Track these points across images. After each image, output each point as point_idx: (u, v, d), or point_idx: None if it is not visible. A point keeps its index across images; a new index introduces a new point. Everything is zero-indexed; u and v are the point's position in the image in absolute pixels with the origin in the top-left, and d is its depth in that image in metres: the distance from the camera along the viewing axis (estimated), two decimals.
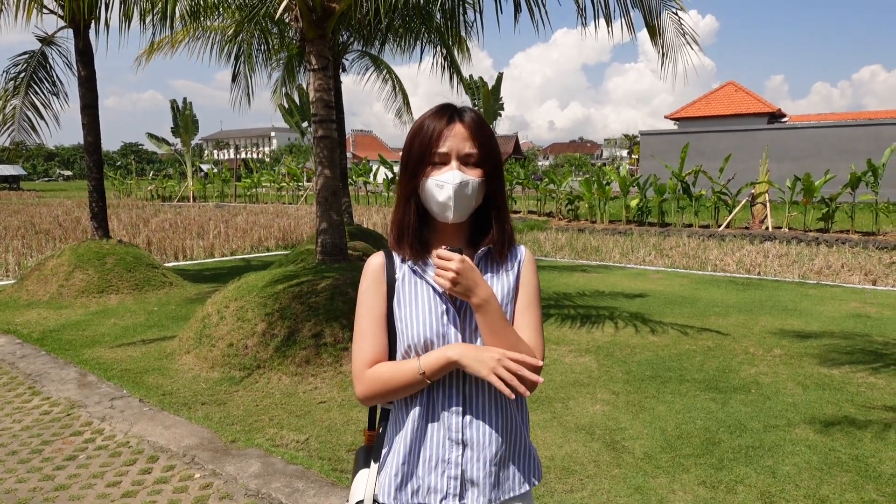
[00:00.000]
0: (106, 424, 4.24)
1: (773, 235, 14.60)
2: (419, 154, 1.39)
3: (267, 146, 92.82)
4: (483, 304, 1.34)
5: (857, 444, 3.79)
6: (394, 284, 1.45)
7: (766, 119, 28.78)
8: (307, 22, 5.56)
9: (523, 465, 1.48)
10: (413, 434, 1.41)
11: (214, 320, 5.62)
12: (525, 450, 1.50)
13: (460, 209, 1.38)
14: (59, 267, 8.41)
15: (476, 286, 1.33)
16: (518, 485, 1.46)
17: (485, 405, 1.42)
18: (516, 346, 1.37)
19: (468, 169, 1.38)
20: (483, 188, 1.40)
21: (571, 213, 19.96)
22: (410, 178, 1.41)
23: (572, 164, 55.12)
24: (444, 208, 1.37)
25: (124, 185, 37.27)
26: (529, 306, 1.47)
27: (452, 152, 1.37)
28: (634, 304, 7.85)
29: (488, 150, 1.40)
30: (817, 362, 5.36)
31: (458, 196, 1.36)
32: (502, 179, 1.46)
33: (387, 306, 1.45)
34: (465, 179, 1.36)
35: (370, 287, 1.46)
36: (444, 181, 1.36)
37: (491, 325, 1.35)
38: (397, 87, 14.51)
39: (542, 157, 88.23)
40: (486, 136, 1.41)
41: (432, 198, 1.38)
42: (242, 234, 15.08)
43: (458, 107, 1.42)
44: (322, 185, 5.80)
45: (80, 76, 8.34)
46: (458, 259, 1.30)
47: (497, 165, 1.43)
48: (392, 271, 1.46)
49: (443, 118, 1.39)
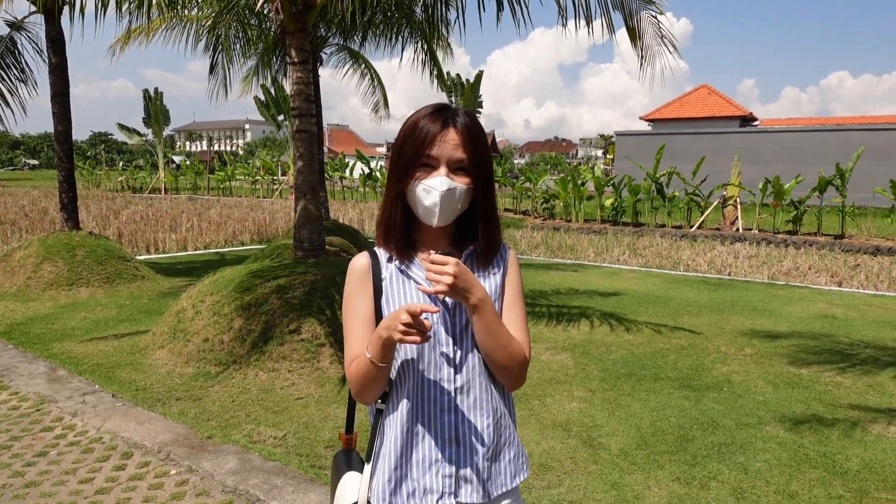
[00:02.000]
0: (78, 420, 4.16)
1: (744, 237, 14.89)
2: (410, 156, 1.39)
3: (241, 139, 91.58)
4: (479, 304, 1.35)
5: (825, 442, 3.90)
6: (381, 284, 1.45)
7: (739, 122, 29.32)
8: (288, 14, 5.50)
9: (513, 460, 1.50)
10: (403, 436, 1.41)
11: (189, 315, 5.54)
12: (514, 445, 1.52)
13: (445, 214, 1.38)
14: (26, 258, 8.21)
15: (472, 287, 1.33)
16: (510, 479, 1.48)
17: (476, 402, 1.43)
18: (508, 342, 1.40)
19: (457, 176, 1.38)
20: (470, 195, 1.41)
21: (547, 211, 20.10)
22: (399, 179, 1.41)
23: (548, 163, 55.42)
24: (429, 213, 1.38)
25: (93, 176, 36.45)
26: (515, 304, 1.49)
27: (442, 158, 1.37)
28: (609, 302, 7.95)
29: (479, 158, 1.40)
30: (787, 361, 5.49)
31: (445, 202, 1.36)
32: (492, 186, 1.45)
33: (374, 306, 1.45)
34: (452, 186, 1.36)
35: (356, 288, 1.46)
36: (432, 186, 1.36)
37: (486, 323, 1.36)
38: (376, 81, 14.42)
39: (519, 156, 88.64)
40: (478, 143, 1.40)
41: (419, 201, 1.38)
42: (216, 228, 14.88)
43: (453, 109, 1.41)
44: (300, 179, 5.75)
45: (51, 63, 8.13)
46: (453, 263, 1.30)
47: (487, 172, 1.42)
48: (378, 271, 1.46)
49: (437, 121, 1.38)
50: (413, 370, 1.41)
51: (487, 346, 1.39)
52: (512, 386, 1.46)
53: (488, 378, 1.44)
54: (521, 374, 1.44)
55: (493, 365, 1.41)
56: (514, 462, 1.50)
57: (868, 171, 21.91)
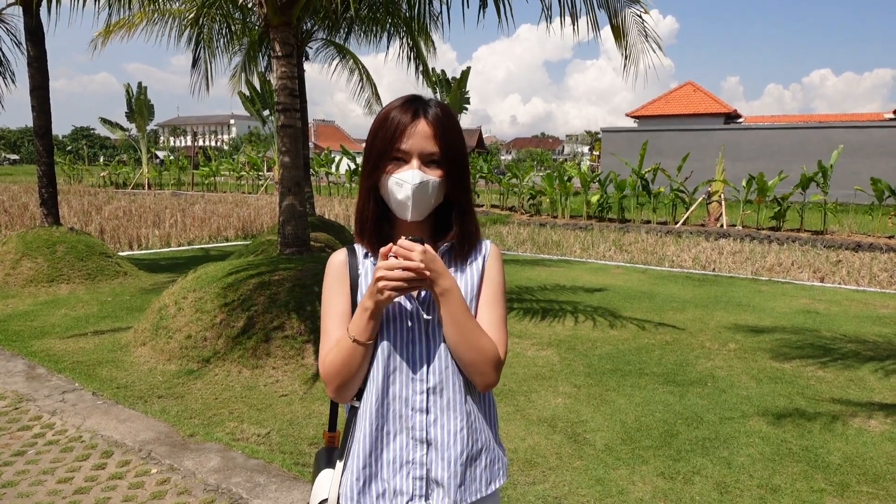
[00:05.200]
0: (57, 419, 4.09)
1: (728, 233, 15.01)
2: (381, 149, 1.36)
3: (226, 134, 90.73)
4: (445, 293, 1.31)
5: (807, 436, 3.93)
6: (357, 280, 1.43)
7: (723, 119, 29.54)
8: (271, 8, 5.44)
9: (489, 466, 1.45)
10: (373, 435, 1.37)
11: (172, 311, 5.47)
12: (491, 450, 1.46)
13: (418, 208, 1.36)
14: (5, 255, 8.07)
15: (439, 276, 1.30)
16: (484, 486, 1.43)
17: (449, 403, 1.39)
18: (477, 338, 1.35)
19: (429, 168, 1.35)
20: (443, 187, 1.37)
21: (533, 207, 20.15)
22: (371, 171, 1.38)
23: (534, 159, 55.55)
24: (402, 207, 1.35)
25: (75, 171, 35.96)
26: (493, 301, 1.44)
27: (414, 151, 1.34)
28: (595, 298, 7.97)
29: (451, 150, 1.37)
30: (770, 356, 5.53)
31: (417, 196, 1.34)
32: (466, 177, 1.42)
33: (351, 303, 1.42)
34: (424, 179, 1.33)
35: (333, 285, 1.44)
36: (404, 180, 1.33)
37: (452, 314, 1.33)
38: (364, 77, 14.33)
39: (505, 152, 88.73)
40: (450, 134, 1.37)
41: (391, 195, 1.36)
42: (200, 224, 14.73)
43: (424, 100, 1.38)
44: (285, 175, 5.70)
45: (30, 56, 7.99)
46: (420, 250, 1.27)
47: (460, 164, 1.40)
48: (355, 267, 1.44)
49: (408, 112, 1.35)
50: (385, 368, 1.38)
51: (453, 340, 1.35)
52: (481, 385, 1.40)
53: (463, 380, 1.40)
54: (491, 372, 1.38)
55: (461, 361, 1.36)
56: (490, 468, 1.45)
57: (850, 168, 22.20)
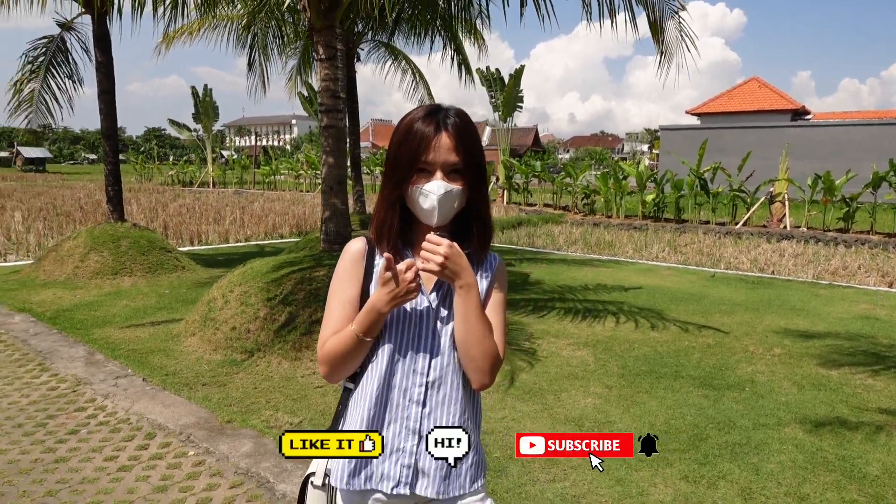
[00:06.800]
0: (109, 401, 4.37)
1: (791, 234, 14.43)
2: (406, 162, 1.43)
3: (288, 134, 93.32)
4: (466, 288, 1.40)
5: (846, 445, 3.78)
6: (372, 270, 1.51)
7: (790, 116, 28.31)
8: (315, 12, 5.62)
9: (475, 465, 1.53)
10: (368, 421, 1.46)
11: (219, 304, 5.73)
12: (479, 450, 1.56)
13: (443, 214, 1.44)
14: (75, 248, 8.61)
15: (462, 271, 1.39)
16: (468, 483, 1.51)
17: (445, 399, 1.47)
18: (484, 337, 1.43)
19: (451, 179, 1.43)
20: (465, 195, 1.46)
21: (587, 207, 19.86)
22: (396, 184, 1.46)
23: (593, 158, 54.68)
24: (428, 215, 1.44)
25: (146, 170, 37.80)
26: (495, 310, 1.53)
27: (437, 163, 1.42)
28: (640, 299, 7.84)
29: (471, 160, 1.45)
30: (817, 363, 5.33)
31: (442, 204, 1.42)
32: (485, 184, 1.52)
33: (361, 291, 1.50)
34: (448, 189, 1.42)
35: (346, 270, 1.52)
36: (430, 191, 1.41)
37: (467, 310, 1.41)
38: (417, 77, 14.51)
39: (563, 150, 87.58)
40: (470, 144, 1.45)
41: (418, 205, 1.44)
42: (258, 221, 15.26)
43: (444, 110, 1.45)
44: (327, 173, 5.88)
45: (98, 62, 8.49)
46: (447, 244, 1.37)
47: (480, 172, 1.48)
48: (372, 258, 1.52)
49: (430, 124, 1.42)
50: (390, 358, 1.46)
51: (464, 336, 1.42)
52: (478, 383, 1.47)
53: (461, 378, 1.49)
54: (491, 371, 1.46)
55: (466, 357, 1.44)
56: (475, 467, 1.53)
57: None
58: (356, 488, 1.47)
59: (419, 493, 1.46)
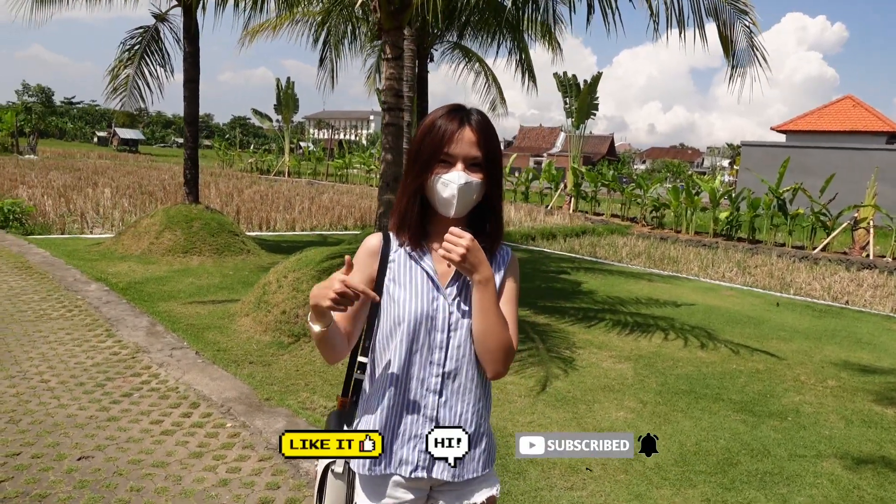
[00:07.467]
0: (162, 370, 4.68)
1: (874, 264, 13.60)
2: (429, 153, 1.52)
3: (365, 129, 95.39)
4: (484, 282, 1.48)
5: (887, 486, 3.60)
6: (387, 265, 1.60)
7: (885, 139, 26.61)
8: (384, 13, 5.78)
9: (485, 450, 1.62)
10: (389, 411, 1.55)
11: (273, 288, 6.01)
12: (487, 436, 1.64)
13: (461, 206, 1.52)
14: (151, 226, 9.19)
15: (481, 264, 1.48)
16: (481, 467, 1.61)
17: (460, 388, 1.56)
18: (502, 328, 1.52)
19: (471, 171, 1.51)
20: (483, 188, 1.54)
21: (656, 220, 19.36)
22: (419, 174, 1.54)
23: (669, 171, 53.15)
24: (447, 204, 1.52)
25: (227, 156, 39.53)
26: (509, 303, 1.60)
27: (459, 155, 1.50)
28: (695, 317, 7.63)
29: (491, 155, 1.54)
30: (872, 399, 5.06)
31: (461, 195, 1.50)
32: (500, 180, 1.60)
33: (374, 284, 1.60)
34: (468, 180, 1.50)
35: (361, 261, 1.62)
36: (450, 180, 1.50)
37: (484, 303, 1.49)
38: (490, 79, 14.58)
39: (639, 161, 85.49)
40: (491, 141, 1.54)
41: (438, 194, 1.52)
42: (325, 212, 15.72)
43: (467, 109, 1.55)
44: (385, 169, 6.04)
45: (185, 52, 9.02)
46: (469, 238, 1.45)
47: (497, 168, 1.57)
48: (387, 252, 1.61)
49: (454, 120, 1.52)
50: (408, 350, 1.55)
51: (481, 327, 1.51)
52: (493, 373, 1.56)
53: (476, 369, 1.57)
54: (505, 361, 1.54)
55: (482, 347, 1.52)
56: (487, 452, 1.63)
57: None
58: (377, 474, 1.57)
59: (435, 476, 1.55)
